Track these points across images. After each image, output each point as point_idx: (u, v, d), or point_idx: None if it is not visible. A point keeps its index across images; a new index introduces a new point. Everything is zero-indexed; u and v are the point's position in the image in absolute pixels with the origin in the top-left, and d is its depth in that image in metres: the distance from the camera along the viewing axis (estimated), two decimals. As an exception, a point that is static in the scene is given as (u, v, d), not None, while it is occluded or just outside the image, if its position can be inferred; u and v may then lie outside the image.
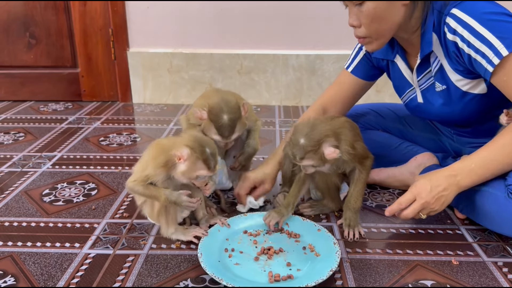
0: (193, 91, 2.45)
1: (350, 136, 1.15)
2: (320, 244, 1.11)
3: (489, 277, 1.03)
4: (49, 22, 2.41)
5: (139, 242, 1.16)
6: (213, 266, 1.02)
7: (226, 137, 1.22)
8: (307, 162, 1.12)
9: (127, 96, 2.52)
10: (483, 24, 1.03)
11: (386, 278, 1.02)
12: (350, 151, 1.13)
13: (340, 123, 1.18)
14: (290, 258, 1.08)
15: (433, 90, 1.22)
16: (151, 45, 2.43)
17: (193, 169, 1.08)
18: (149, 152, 1.13)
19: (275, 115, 2.29)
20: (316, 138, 1.10)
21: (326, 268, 1.00)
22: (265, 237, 1.17)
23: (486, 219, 1.17)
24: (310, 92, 2.43)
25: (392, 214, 1.10)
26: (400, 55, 1.24)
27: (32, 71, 2.49)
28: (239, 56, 2.39)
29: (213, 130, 1.21)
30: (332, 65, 2.37)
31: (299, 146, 1.10)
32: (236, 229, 1.19)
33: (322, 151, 1.10)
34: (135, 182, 1.11)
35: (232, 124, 1.20)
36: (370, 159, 1.22)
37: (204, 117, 1.22)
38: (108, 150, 1.81)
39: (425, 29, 1.12)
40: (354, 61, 1.38)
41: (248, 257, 1.09)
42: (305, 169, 1.16)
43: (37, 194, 1.43)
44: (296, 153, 1.11)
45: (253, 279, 1.00)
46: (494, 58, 1.03)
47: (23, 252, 1.12)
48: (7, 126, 2.11)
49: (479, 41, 1.04)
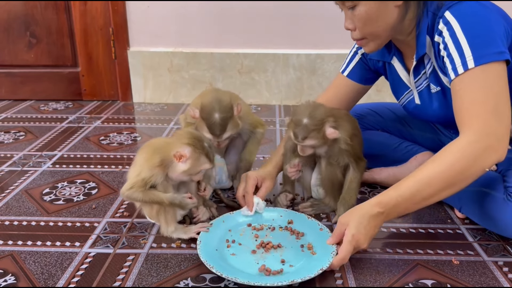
0: (193, 90, 2.45)
1: (348, 127, 1.18)
2: (319, 243, 1.11)
3: (489, 277, 1.03)
4: (50, 21, 2.41)
5: (139, 241, 1.16)
6: (207, 254, 1.04)
7: (218, 136, 1.22)
8: (309, 142, 1.14)
9: (128, 95, 2.52)
10: (465, 30, 1.01)
11: (386, 277, 1.02)
12: (347, 140, 1.16)
13: (340, 113, 1.21)
14: (286, 254, 1.09)
15: (429, 92, 1.21)
16: (151, 44, 2.43)
17: (197, 165, 1.09)
18: (141, 155, 1.12)
19: (276, 115, 2.29)
20: (319, 117, 1.12)
21: (317, 267, 1.00)
22: (267, 232, 1.18)
23: (484, 219, 1.17)
24: (310, 92, 2.43)
25: None
26: (397, 57, 1.23)
27: (32, 70, 2.49)
28: (239, 55, 2.39)
29: (205, 129, 1.22)
30: (332, 65, 2.36)
31: (302, 126, 1.11)
32: (240, 221, 1.21)
33: (324, 130, 1.12)
34: (132, 190, 1.09)
35: (223, 123, 1.21)
36: (364, 162, 1.24)
37: (197, 115, 1.23)
38: (109, 149, 1.81)
39: (420, 31, 1.12)
40: (350, 65, 1.36)
41: (246, 249, 1.10)
42: (304, 150, 1.17)
43: (37, 193, 1.43)
44: (299, 133, 1.12)
45: (245, 270, 1.02)
46: (459, 67, 1.01)
47: (24, 251, 1.12)
48: (8, 125, 2.11)
49: (454, 46, 1.02)
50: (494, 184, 1.15)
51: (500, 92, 1.01)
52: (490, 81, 1.00)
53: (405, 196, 1.03)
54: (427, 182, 1.02)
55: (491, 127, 0.99)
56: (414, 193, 1.02)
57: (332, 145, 1.18)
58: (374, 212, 1.03)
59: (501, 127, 1.00)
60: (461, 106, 1.03)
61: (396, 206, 1.04)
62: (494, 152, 1.00)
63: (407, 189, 1.03)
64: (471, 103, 1.01)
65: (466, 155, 0.99)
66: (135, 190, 1.08)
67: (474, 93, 1.01)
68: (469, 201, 1.19)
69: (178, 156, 1.07)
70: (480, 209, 1.16)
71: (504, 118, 1.01)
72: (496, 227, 1.15)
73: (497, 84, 1.00)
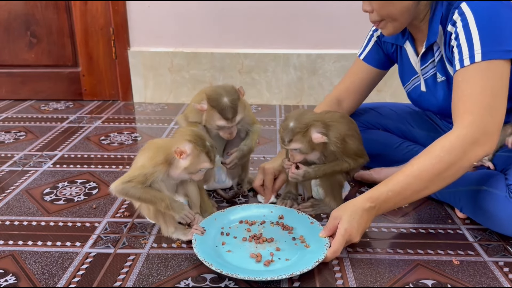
0: (194, 90, 2.45)
1: (342, 129, 1.18)
2: (311, 236, 1.13)
3: (489, 277, 1.03)
4: (50, 21, 2.41)
5: (140, 241, 1.16)
6: (205, 252, 1.05)
7: (231, 120, 1.22)
8: (295, 145, 1.15)
9: (128, 95, 2.52)
10: (478, 24, 1.03)
11: (387, 277, 1.02)
12: (338, 143, 1.16)
13: (333, 117, 1.21)
14: (280, 247, 1.10)
15: (435, 81, 1.23)
16: (152, 44, 2.43)
17: (197, 163, 1.09)
18: (144, 154, 1.12)
19: (276, 115, 2.29)
20: (304, 121, 1.14)
21: (313, 259, 1.02)
22: (259, 227, 1.20)
23: (486, 218, 1.17)
24: (311, 92, 2.43)
25: None
26: (410, 42, 1.26)
27: (33, 70, 2.49)
28: (240, 55, 2.39)
29: (217, 116, 1.22)
30: (333, 65, 2.36)
31: (288, 129, 1.14)
32: (232, 219, 1.22)
33: (310, 135, 1.13)
34: (130, 184, 1.07)
35: (233, 106, 1.21)
36: (364, 159, 1.24)
37: (205, 107, 1.22)
38: (109, 149, 1.81)
39: (433, 19, 1.14)
40: (366, 48, 1.41)
41: (240, 245, 1.12)
42: (293, 156, 1.18)
43: (38, 193, 1.43)
44: (285, 136, 1.14)
45: (243, 266, 1.03)
46: (466, 59, 1.03)
47: (24, 251, 1.12)
48: (8, 125, 2.11)
49: (465, 38, 1.04)
50: (496, 183, 1.15)
51: (500, 89, 1.02)
52: (492, 77, 1.02)
53: (396, 190, 1.05)
54: (416, 176, 1.03)
55: (482, 122, 1.01)
56: (404, 187, 1.05)
57: (324, 150, 1.19)
58: (365, 206, 1.06)
59: (493, 123, 1.02)
60: (459, 98, 1.05)
61: (387, 201, 1.06)
62: (481, 147, 1.02)
63: (397, 184, 1.05)
64: (468, 96, 1.03)
65: (455, 148, 1.01)
66: (134, 185, 1.07)
67: (474, 86, 1.03)
68: (470, 201, 1.19)
69: (178, 152, 1.07)
70: (482, 208, 1.16)
71: (498, 115, 1.03)
72: (498, 226, 1.15)
73: (498, 81, 1.02)
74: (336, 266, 1.06)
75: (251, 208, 1.26)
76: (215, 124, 1.23)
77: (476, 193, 1.17)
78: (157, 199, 1.08)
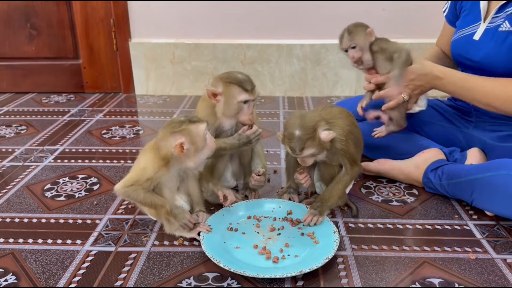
0: (196, 82, 2.42)
1: (343, 124, 1.16)
2: (320, 232, 1.12)
3: (498, 275, 1.00)
4: (50, 13, 2.37)
5: (141, 239, 1.15)
6: (213, 249, 1.04)
7: (252, 91, 1.16)
8: (308, 152, 1.11)
9: (130, 88, 2.49)
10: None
11: (392, 275, 1.00)
12: (343, 139, 1.13)
13: (332, 112, 1.18)
14: (289, 243, 1.09)
15: (496, 30, 1.27)
16: (153, 35, 2.40)
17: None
18: (145, 155, 1.09)
19: (279, 106, 2.26)
20: (310, 125, 1.10)
21: (323, 256, 1.01)
22: (267, 223, 1.19)
23: (509, 204, 1.14)
24: (314, 83, 2.40)
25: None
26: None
27: (33, 63, 2.47)
28: (242, 46, 2.36)
29: (237, 90, 1.15)
30: (337, 55, 2.32)
31: (296, 139, 1.09)
32: (240, 215, 1.21)
33: (318, 136, 1.10)
34: (133, 187, 1.05)
35: (250, 79, 1.18)
36: (358, 167, 1.21)
37: (220, 90, 1.16)
38: (111, 143, 1.79)
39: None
40: (447, 4, 1.49)
41: (249, 241, 1.11)
42: (304, 161, 1.15)
43: (38, 189, 1.42)
44: (295, 146, 1.10)
45: (252, 263, 1.02)
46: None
47: (25, 249, 1.11)
48: (9, 119, 2.09)
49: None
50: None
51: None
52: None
53: (466, 79, 1.24)
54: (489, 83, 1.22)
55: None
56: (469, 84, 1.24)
57: (331, 147, 1.15)
58: (435, 72, 1.25)
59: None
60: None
61: (454, 83, 1.25)
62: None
63: (472, 77, 1.24)
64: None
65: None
66: (136, 189, 1.05)
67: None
68: (486, 189, 1.16)
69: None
70: (505, 193, 1.12)
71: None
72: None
73: None
74: (341, 264, 1.04)
75: (259, 203, 1.25)
76: (236, 100, 1.15)
77: (497, 178, 1.14)
78: (158, 206, 1.07)
